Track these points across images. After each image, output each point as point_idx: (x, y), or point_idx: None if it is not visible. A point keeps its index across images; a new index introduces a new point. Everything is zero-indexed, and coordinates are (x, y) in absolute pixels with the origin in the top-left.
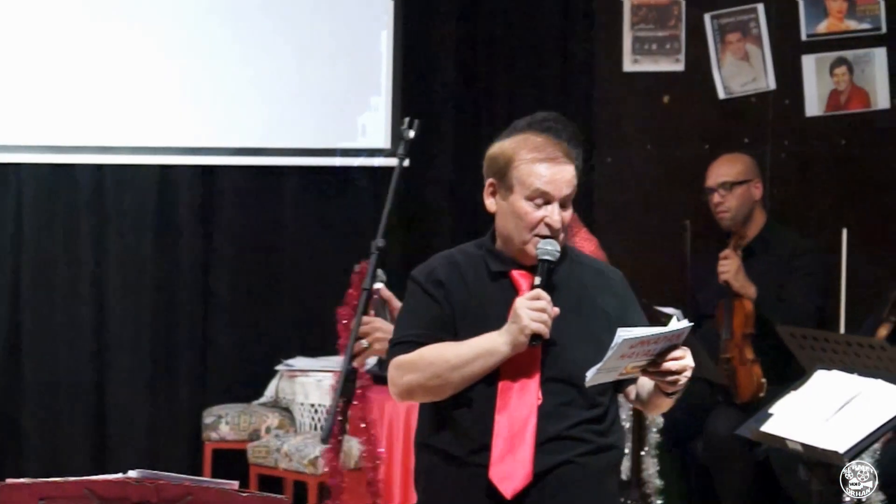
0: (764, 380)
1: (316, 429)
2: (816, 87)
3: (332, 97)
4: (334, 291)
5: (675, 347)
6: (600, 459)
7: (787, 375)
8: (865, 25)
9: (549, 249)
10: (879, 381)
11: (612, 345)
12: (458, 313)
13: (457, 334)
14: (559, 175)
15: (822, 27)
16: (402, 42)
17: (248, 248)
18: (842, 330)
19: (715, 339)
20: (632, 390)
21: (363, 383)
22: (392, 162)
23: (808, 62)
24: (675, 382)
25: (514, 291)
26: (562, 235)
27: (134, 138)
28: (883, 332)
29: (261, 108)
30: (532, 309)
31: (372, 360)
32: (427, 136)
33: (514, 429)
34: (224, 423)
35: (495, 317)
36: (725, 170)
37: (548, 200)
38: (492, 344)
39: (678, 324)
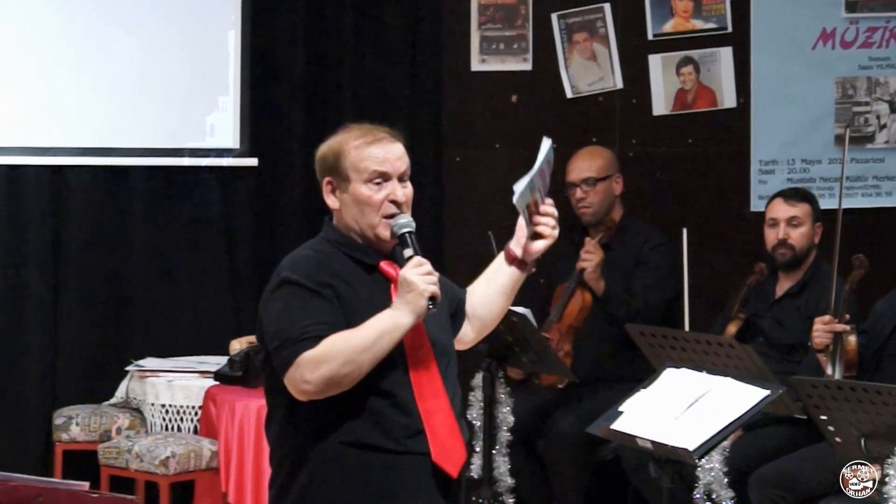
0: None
1: (167, 429)
2: (663, 86)
3: (180, 97)
4: (185, 291)
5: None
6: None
7: (629, 375)
8: (711, 25)
9: (404, 223)
10: (728, 379)
11: (539, 157)
12: (347, 309)
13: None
14: (390, 153)
15: (669, 27)
16: (251, 42)
17: (97, 248)
18: (686, 328)
19: (543, 316)
20: (472, 313)
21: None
22: (241, 162)
23: (655, 61)
24: (550, 226)
25: (388, 281)
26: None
27: None
28: (732, 329)
29: (109, 107)
30: (422, 274)
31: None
32: (276, 134)
33: (439, 412)
34: (74, 424)
35: (380, 307)
36: (588, 165)
37: (386, 178)
38: (392, 319)
39: (545, 144)
